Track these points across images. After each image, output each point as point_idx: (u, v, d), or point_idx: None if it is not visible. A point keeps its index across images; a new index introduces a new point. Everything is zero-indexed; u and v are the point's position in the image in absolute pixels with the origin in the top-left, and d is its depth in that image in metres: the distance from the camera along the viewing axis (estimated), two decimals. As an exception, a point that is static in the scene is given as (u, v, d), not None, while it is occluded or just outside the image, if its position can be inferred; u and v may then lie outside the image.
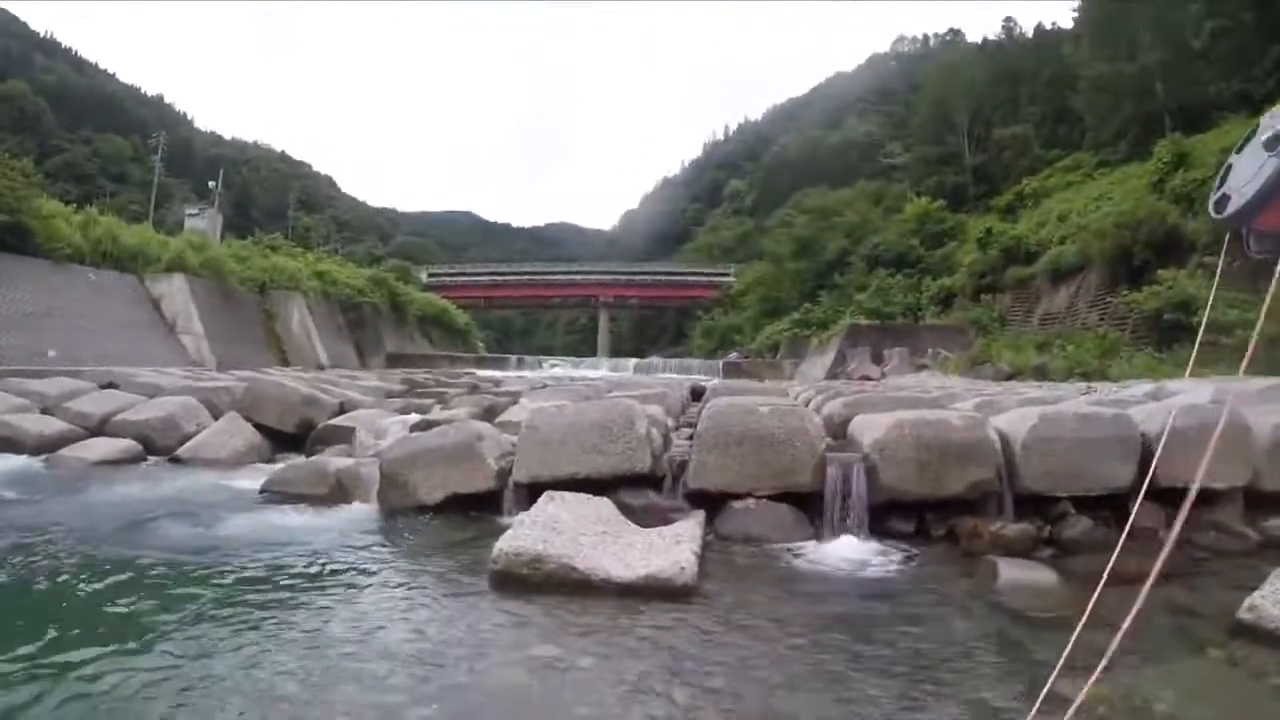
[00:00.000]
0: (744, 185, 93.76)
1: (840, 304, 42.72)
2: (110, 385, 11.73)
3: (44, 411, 10.23)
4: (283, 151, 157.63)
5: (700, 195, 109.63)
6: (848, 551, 5.29)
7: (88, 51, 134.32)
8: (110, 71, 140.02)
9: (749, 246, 74.50)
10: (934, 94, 68.61)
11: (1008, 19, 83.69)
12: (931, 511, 5.73)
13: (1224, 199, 0.83)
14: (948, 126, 64.95)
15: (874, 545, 5.43)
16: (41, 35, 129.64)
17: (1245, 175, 0.84)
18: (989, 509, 5.67)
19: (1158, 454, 4.71)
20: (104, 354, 16.17)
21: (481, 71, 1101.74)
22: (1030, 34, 76.44)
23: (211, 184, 52.14)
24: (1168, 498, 4.84)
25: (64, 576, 4.63)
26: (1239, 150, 1.03)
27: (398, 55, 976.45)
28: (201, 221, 37.37)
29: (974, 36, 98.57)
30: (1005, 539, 5.33)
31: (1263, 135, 0.94)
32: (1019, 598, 4.25)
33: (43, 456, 8.89)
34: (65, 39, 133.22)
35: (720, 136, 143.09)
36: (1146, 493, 3.89)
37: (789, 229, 60.43)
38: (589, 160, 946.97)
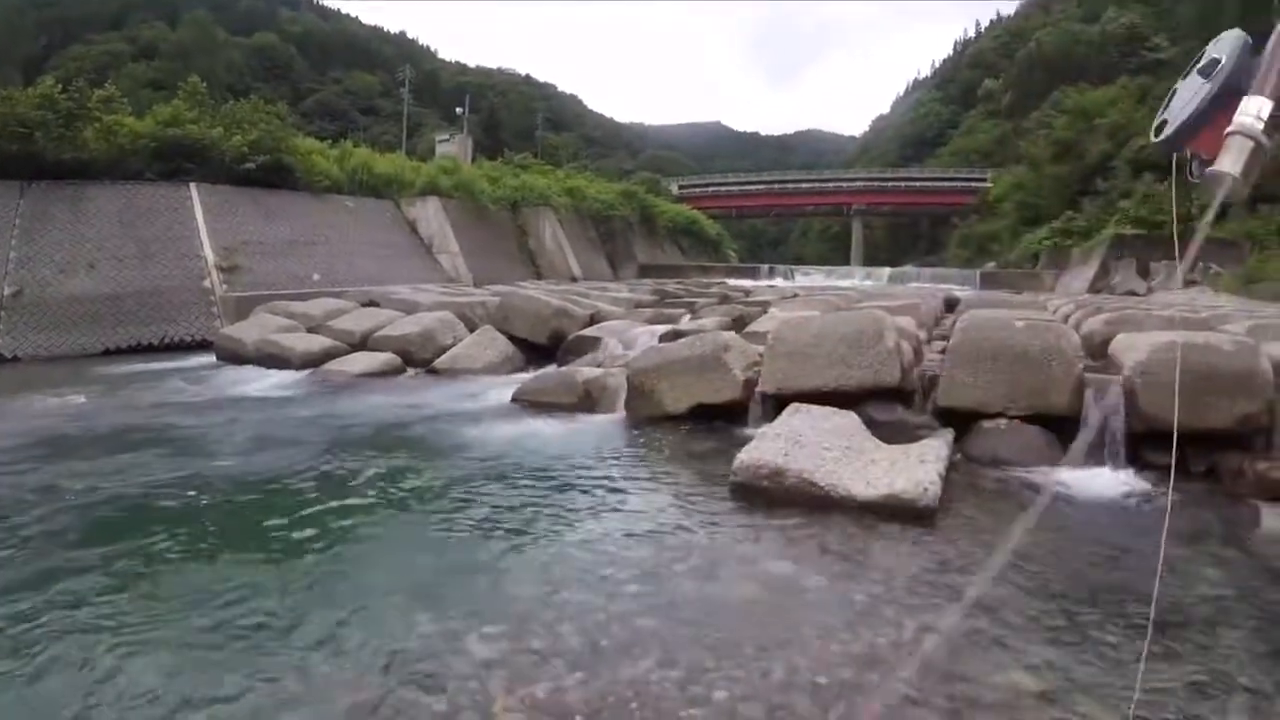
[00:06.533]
0: (998, 85, 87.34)
1: (1104, 212, 39.20)
2: (371, 304, 12.72)
3: (310, 330, 11.30)
4: (527, 75, 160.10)
5: (953, 97, 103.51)
6: (1100, 482, 5.00)
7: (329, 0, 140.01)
8: (352, 15, 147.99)
9: (1006, 150, 69.47)
10: (1202, -22, 60.82)
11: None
12: (1193, 444, 5.25)
13: (1163, 124, 0.83)
14: (1219, 13, 57.66)
15: (1128, 477, 5.10)
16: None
17: (1183, 100, 0.86)
18: (1256, 446, 5.17)
19: None
20: (365, 275, 17.60)
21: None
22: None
23: (459, 110, 54.56)
24: None
25: (326, 471, 5.15)
26: (1184, 77, 1.04)
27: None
28: (452, 146, 39.01)
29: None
30: (1272, 481, 4.81)
31: (1200, 61, 0.96)
32: (1280, 549, 3.87)
33: (308, 371, 9.74)
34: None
35: (971, 34, 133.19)
36: None
37: (1047, 131, 56.07)
38: (836, 65, 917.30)
